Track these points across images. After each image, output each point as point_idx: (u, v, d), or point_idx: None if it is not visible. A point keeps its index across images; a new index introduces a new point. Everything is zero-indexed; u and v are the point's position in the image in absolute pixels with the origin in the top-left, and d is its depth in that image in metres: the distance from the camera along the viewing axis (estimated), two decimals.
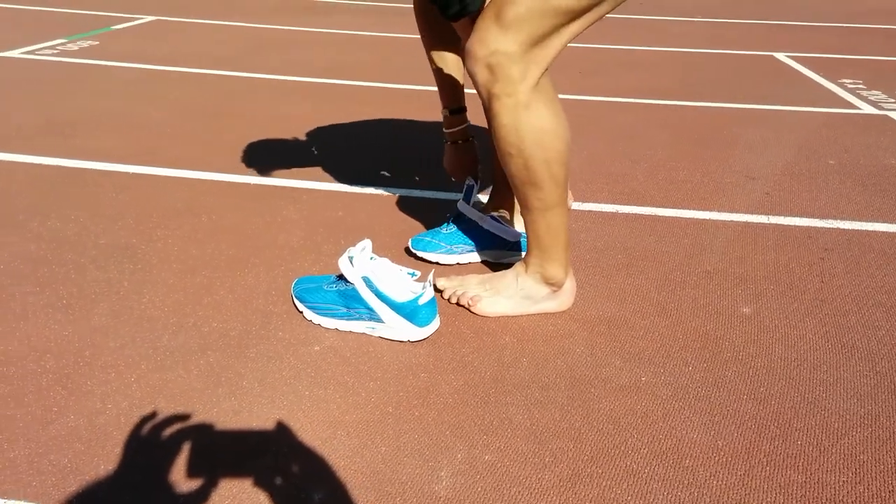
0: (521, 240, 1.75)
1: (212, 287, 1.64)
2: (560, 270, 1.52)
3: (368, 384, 1.33)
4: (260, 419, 1.23)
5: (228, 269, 1.72)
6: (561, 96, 3.17)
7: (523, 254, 1.75)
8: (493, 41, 1.30)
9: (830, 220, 2.05)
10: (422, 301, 1.44)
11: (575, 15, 1.31)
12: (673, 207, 2.12)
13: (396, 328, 1.46)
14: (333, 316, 1.49)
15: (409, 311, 1.44)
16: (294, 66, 3.66)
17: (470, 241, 1.76)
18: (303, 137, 2.63)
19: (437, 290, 1.62)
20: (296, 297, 1.56)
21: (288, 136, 2.65)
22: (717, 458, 1.18)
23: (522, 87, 1.34)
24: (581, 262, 1.79)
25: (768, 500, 1.10)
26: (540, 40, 1.32)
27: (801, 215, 2.08)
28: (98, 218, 1.96)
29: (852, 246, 1.91)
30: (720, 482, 1.13)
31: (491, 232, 1.75)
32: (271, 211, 2.03)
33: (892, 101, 3.25)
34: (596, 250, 1.85)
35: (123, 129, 2.68)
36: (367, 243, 1.48)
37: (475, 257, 1.78)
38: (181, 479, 1.10)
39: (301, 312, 1.54)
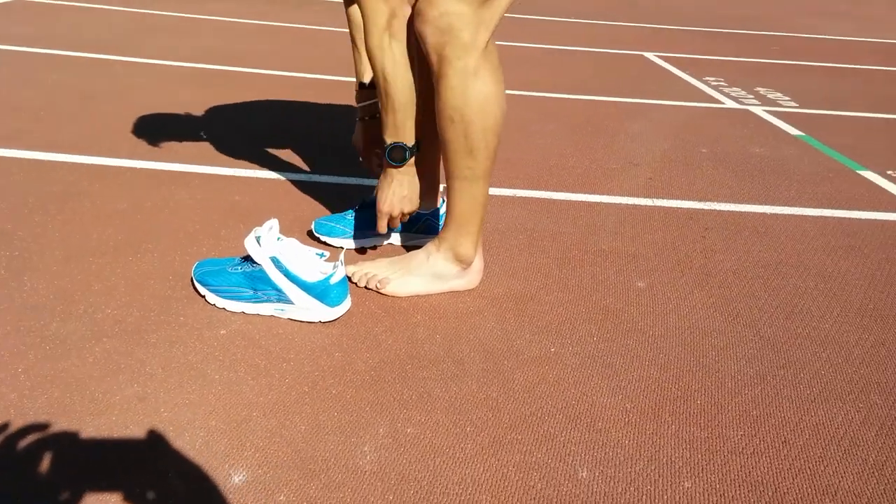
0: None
1: (101, 273, 1.54)
2: (471, 248, 1.54)
3: (281, 365, 1.29)
4: (168, 404, 1.17)
5: (119, 255, 1.62)
6: None
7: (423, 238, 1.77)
8: (444, 1, 1.30)
9: (708, 202, 2.20)
10: (333, 280, 1.41)
11: None
12: (566, 191, 2.20)
13: (307, 309, 1.42)
14: (239, 299, 1.44)
15: (320, 291, 1.41)
16: (182, 52, 3.49)
17: (374, 228, 1.75)
18: (191, 122, 2.52)
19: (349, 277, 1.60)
20: (197, 280, 1.49)
21: (175, 120, 2.52)
22: (627, 420, 1.23)
23: (473, 50, 1.35)
24: (485, 244, 1.82)
25: (677, 455, 1.16)
26: (487, 0, 1.33)
27: (682, 198, 2.22)
28: None
29: (729, 225, 2.05)
30: (632, 441, 1.18)
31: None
32: (162, 195, 1.93)
33: (751, 97, 3.52)
34: (498, 231, 1.89)
35: None
36: (273, 223, 1.44)
37: (379, 240, 1.77)
38: (86, 469, 1.02)
39: (203, 297, 1.47)
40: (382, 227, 1.58)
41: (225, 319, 1.41)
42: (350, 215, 1.76)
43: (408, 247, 1.77)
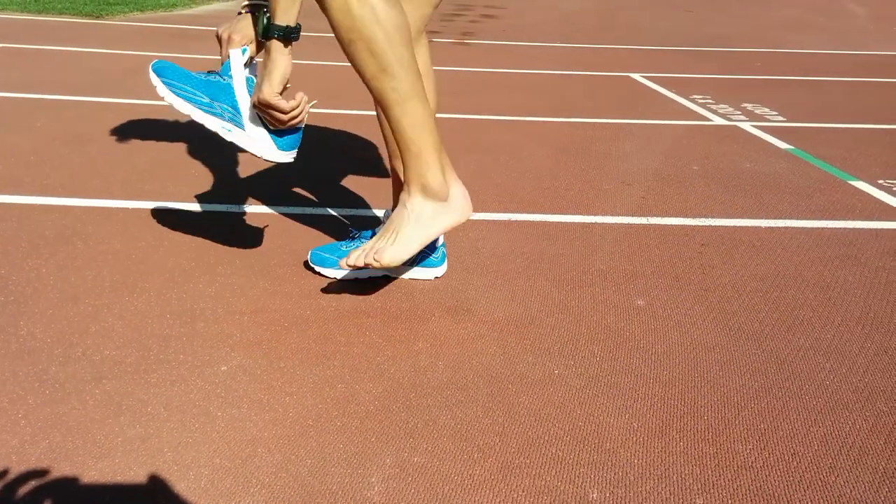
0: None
1: (98, 315, 1.53)
2: (438, 174, 1.48)
3: (284, 399, 1.28)
4: (171, 444, 1.15)
5: (115, 295, 1.61)
6: (442, 116, 3.23)
7: (423, 270, 1.76)
8: None
9: (702, 219, 2.20)
10: (292, 132, 1.36)
11: None
12: (561, 213, 2.20)
13: (253, 139, 1.34)
14: (191, 101, 1.36)
15: (279, 140, 1.34)
16: None
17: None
18: (182, 160, 2.52)
19: (348, 266, 1.54)
20: (153, 71, 1.42)
21: (166, 159, 2.52)
22: (635, 439, 1.22)
23: None
24: (483, 269, 1.82)
25: (686, 472, 1.15)
26: None
27: (676, 215, 2.22)
28: None
29: (724, 240, 2.06)
30: (641, 460, 1.17)
31: None
32: (156, 235, 1.92)
33: (739, 113, 3.55)
34: (496, 256, 1.89)
35: None
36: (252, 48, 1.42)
37: (377, 273, 1.77)
38: None
39: (154, 87, 1.42)
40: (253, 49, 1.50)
41: (225, 356, 1.40)
42: (345, 246, 1.75)
43: (404, 279, 1.76)
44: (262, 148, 1.35)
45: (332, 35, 1.40)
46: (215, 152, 2.62)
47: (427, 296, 1.68)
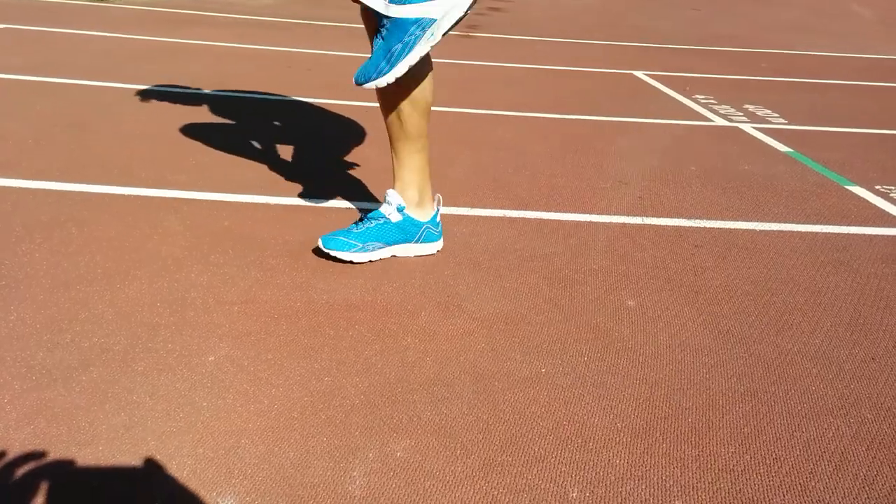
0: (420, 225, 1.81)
1: (88, 301, 1.53)
2: None
3: (270, 391, 1.28)
4: (155, 433, 1.16)
5: (106, 282, 1.61)
6: (442, 109, 3.23)
7: (427, 246, 1.84)
8: None
9: (697, 220, 2.20)
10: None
11: None
12: (556, 211, 2.20)
13: (450, 10, 1.50)
14: (398, 59, 1.52)
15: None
16: (164, 77, 3.50)
17: (382, 238, 1.78)
18: (181, 147, 2.52)
19: None
20: (362, 82, 1.55)
21: (164, 146, 2.52)
22: (618, 440, 1.23)
23: None
24: (475, 264, 1.82)
25: (667, 473, 1.15)
26: None
27: (671, 216, 2.22)
28: None
29: (718, 242, 2.06)
30: (623, 461, 1.18)
31: (398, 226, 1.78)
32: (150, 222, 1.93)
33: (741, 114, 3.54)
34: (488, 252, 1.89)
35: None
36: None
37: (386, 253, 1.81)
38: (73, 501, 1.01)
39: (377, 87, 1.56)
40: None
41: (213, 346, 1.41)
42: (356, 228, 1.78)
43: (410, 259, 1.76)
44: (461, 4, 1.52)
45: (331, 24, 1.39)
46: (214, 140, 2.62)
47: (418, 290, 1.68)
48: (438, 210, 1.83)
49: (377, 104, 1.77)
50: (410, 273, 1.75)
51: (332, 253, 1.75)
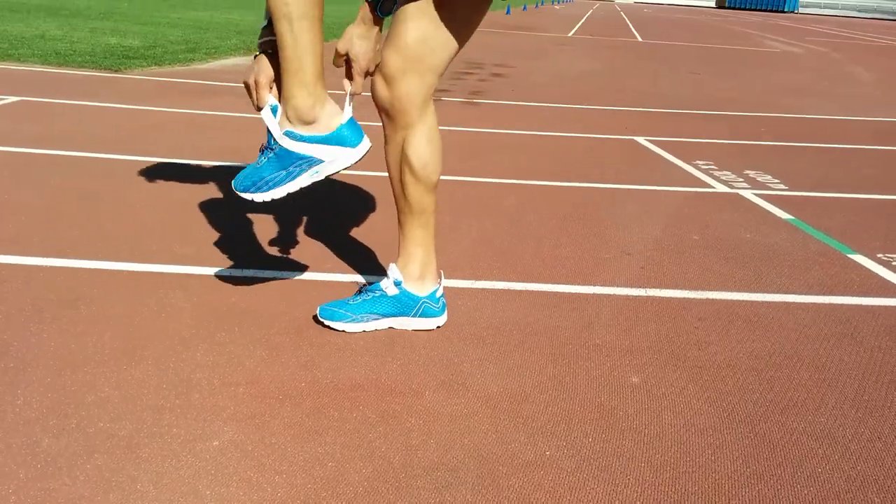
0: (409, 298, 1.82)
1: (95, 384, 1.54)
2: (308, 98, 1.53)
3: (274, 478, 1.28)
4: None
5: (114, 364, 1.63)
6: (446, 178, 3.28)
7: (426, 321, 1.85)
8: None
9: (700, 291, 2.22)
10: (345, 120, 1.54)
11: None
12: (559, 283, 2.22)
13: (337, 158, 1.53)
14: (278, 185, 1.55)
15: (338, 138, 1.52)
16: (177, 149, 3.58)
17: (376, 310, 1.81)
18: (190, 221, 2.57)
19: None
20: (239, 190, 1.59)
21: (174, 220, 2.57)
22: None
23: None
24: (479, 340, 1.83)
25: None
26: None
27: (675, 287, 2.24)
28: None
29: (721, 315, 2.06)
30: None
31: (394, 299, 1.81)
32: (158, 299, 1.95)
33: (741, 180, 3.59)
34: (492, 328, 1.90)
35: None
36: (271, 97, 1.58)
37: (383, 325, 1.84)
38: None
39: (252, 201, 1.60)
40: (359, 86, 1.61)
41: (217, 430, 1.41)
42: (352, 300, 1.83)
43: (415, 334, 1.78)
44: (346, 159, 1.56)
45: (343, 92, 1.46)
46: (223, 213, 2.66)
47: (422, 368, 1.69)
48: (440, 286, 1.85)
49: None
50: (415, 349, 1.76)
51: (326, 323, 1.81)
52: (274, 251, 2.34)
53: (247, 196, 1.60)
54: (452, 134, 4.29)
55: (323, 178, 1.59)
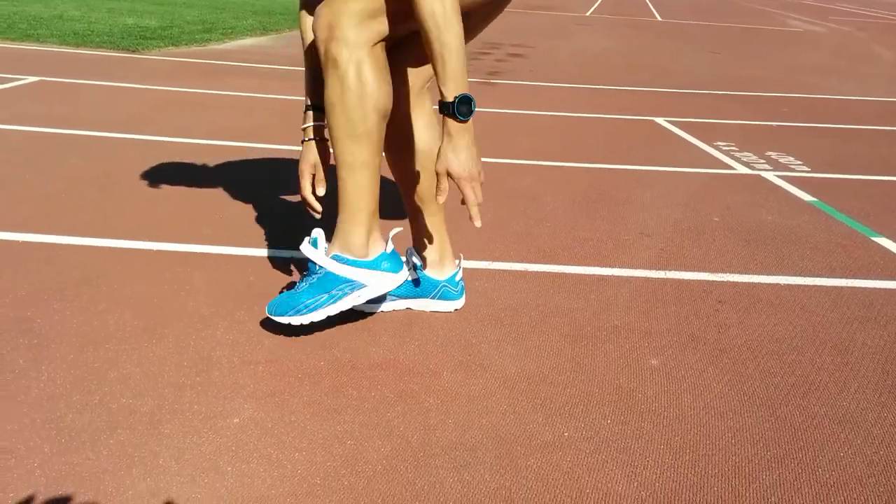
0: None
1: (117, 360, 1.56)
2: (363, 236, 1.62)
3: (294, 455, 1.29)
4: (181, 499, 1.17)
5: (135, 341, 1.64)
6: None
7: (444, 303, 1.85)
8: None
9: (721, 274, 2.20)
10: (388, 250, 1.62)
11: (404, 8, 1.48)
12: (578, 265, 2.21)
13: (379, 284, 1.60)
14: (319, 307, 1.59)
15: (379, 264, 1.60)
16: (194, 129, 3.59)
17: (395, 291, 1.81)
18: (208, 201, 2.58)
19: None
20: (275, 315, 1.62)
21: (192, 200, 2.58)
22: None
23: (359, 48, 1.51)
24: (497, 321, 1.83)
25: None
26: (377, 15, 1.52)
27: (695, 269, 2.22)
28: None
29: (742, 298, 2.04)
30: None
31: (414, 284, 1.82)
32: (178, 278, 1.96)
33: (763, 161, 3.54)
34: (510, 308, 1.90)
35: (11, 195, 2.54)
36: (320, 232, 1.63)
37: (400, 305, 1.85)
38: None
39: (289, 324, 1.62)
40: (470, 195, 1.52)
41: (238, 407, 1.42)
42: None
43: (433, 315, 1.78)
44: (387, 284, 1.63)
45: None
46: (240, 194, 2.67)
47: (440, 348, 1.69)
48: (459, 270, 1.85)
49: None
50: (433, 330, 1.76)
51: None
52: (290, 232, 2.35)
53: (284, 320, 1.63)
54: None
55: (363, 302, 1.64)
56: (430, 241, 1.81)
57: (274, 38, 7.44)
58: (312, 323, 1.63)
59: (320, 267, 1.62)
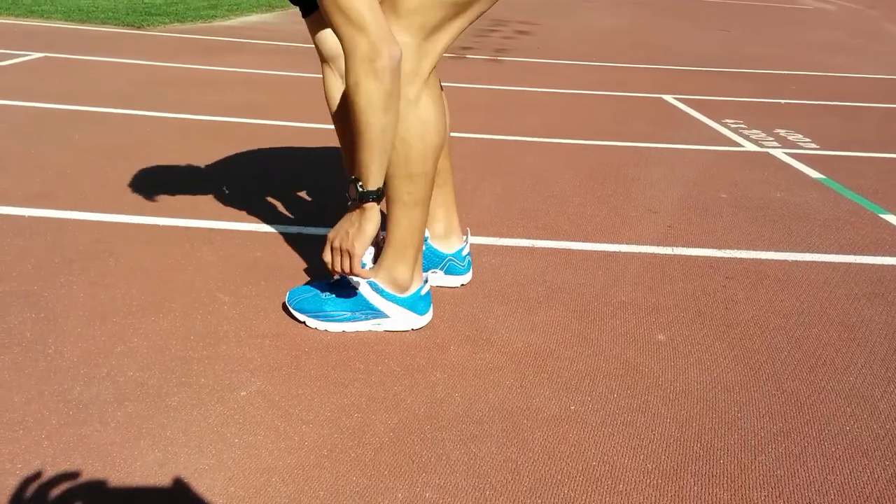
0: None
1: (124, 334, 1.56)
2: (408, 272, 1.60)
3: (301, 427, 1.30)
4: (188, 470, 1.17)
5: (142, 315, 1.64)
6: (470, 135, 3.25)
7: (450, 278, 1.85)
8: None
9: (728, 251, 2.18)
10: (423, 292, 1.60)
11: (460, 8, 1.43)
12: (585, 241, 2.20)
13: (402, 320, 1.60)
14: (338, 321, 1.59)
15: (412, 304, 1.59)
16: (198, 105, 3.58)
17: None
18: (214, 177, 2.57)
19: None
20: (294, 308, 1.62)
21: (197, 175, 2.58)
22: (648, 481, 1.22)
23: (415, 80, 1.45)
24: (503, 296, 1.82)
25: None
26: (432, 33, 1.43)
27: (702, 246, 2.21)
28: None
29: (749, 274, 2.04)
30: None
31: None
32: (184, 253, 1.96)
33: (771, 139, 3.51)
34: (517, 284, 1.90)
35: (17, 170, 2.53)
36: (371, 249, 1.64)
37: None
38: None
39: (303, 322, 1.62)
40: (326, 257, 1.54)
41: (245, 381, 1.43)
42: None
43: (440, 290, 1.77)
44: (408, 323, 1.62)
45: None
46: (246, 170, 2.66)
47: (447, 323, 1.69)
48: (466, 244, 1.84)
49: None
50: (440, 305, 1.76)
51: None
52: (296, 207, 2.34)
53: (300, 317, 1.63)
54: (476, 91, 4.23)
55: (381, 331, 1.63)
56: (437, 214, 1.81)
57: (279, 15, 7.39)
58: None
59: (357, 282, 1.60)
